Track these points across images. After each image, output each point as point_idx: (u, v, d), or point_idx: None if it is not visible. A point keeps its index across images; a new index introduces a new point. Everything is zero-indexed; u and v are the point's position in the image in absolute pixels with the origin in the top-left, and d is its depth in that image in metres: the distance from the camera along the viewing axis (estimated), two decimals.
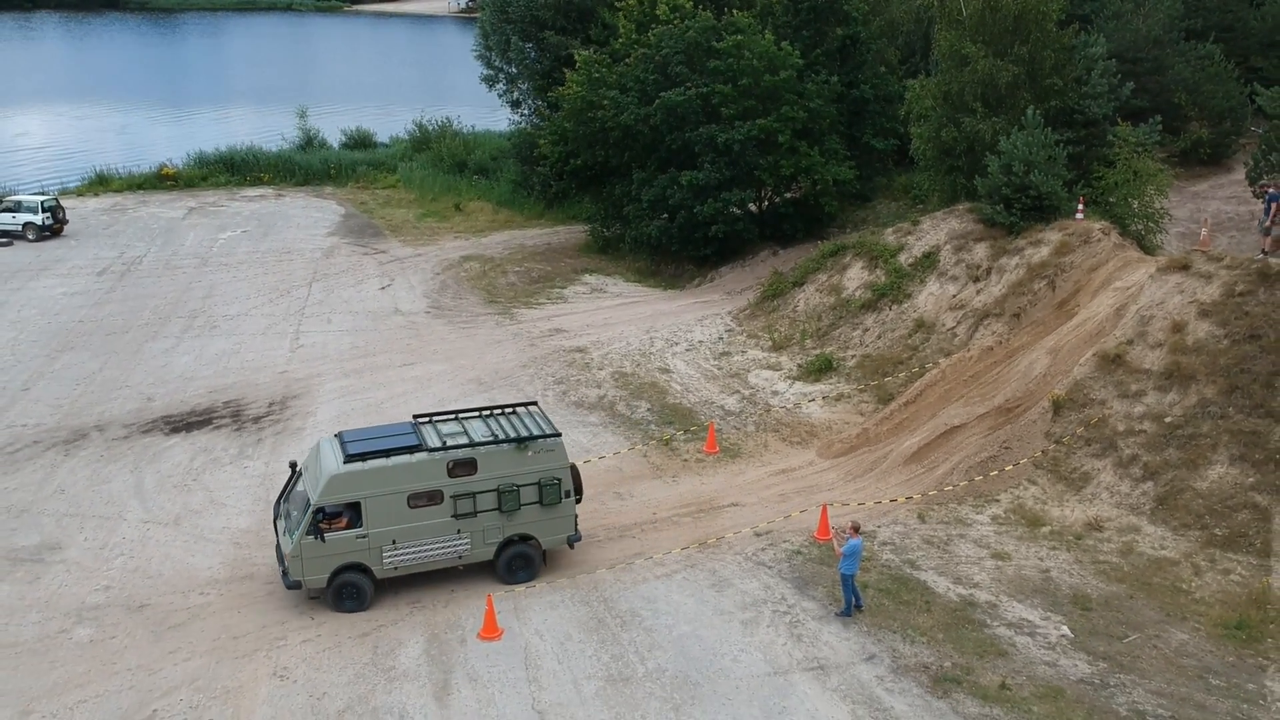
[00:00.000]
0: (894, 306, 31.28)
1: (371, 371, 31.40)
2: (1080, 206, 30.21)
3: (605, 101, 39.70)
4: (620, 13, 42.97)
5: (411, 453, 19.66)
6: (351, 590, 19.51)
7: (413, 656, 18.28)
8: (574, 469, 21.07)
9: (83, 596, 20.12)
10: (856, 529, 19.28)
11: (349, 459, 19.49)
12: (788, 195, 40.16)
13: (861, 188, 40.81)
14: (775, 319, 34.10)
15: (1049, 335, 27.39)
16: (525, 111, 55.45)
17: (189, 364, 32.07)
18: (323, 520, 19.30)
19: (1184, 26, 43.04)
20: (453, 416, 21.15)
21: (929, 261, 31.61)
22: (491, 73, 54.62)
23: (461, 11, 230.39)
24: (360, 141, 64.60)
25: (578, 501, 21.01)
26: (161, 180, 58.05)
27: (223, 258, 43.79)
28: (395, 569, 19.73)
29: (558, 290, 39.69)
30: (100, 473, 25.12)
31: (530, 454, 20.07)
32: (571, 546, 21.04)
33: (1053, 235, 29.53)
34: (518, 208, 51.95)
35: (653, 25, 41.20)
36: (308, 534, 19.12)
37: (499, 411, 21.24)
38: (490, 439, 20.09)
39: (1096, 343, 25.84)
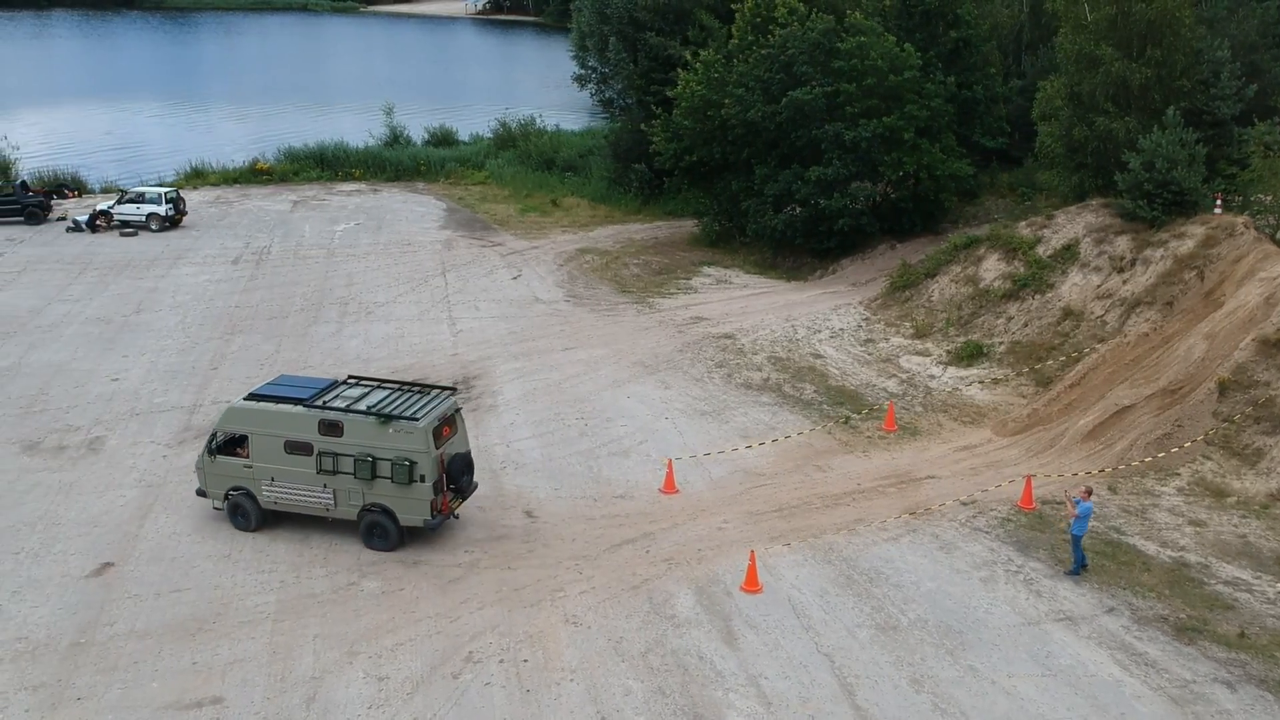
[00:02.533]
0: (1037, 296, 32.79)
1: (538, 355, 32.87)
2: (1219, 201, 31.77)
3: (727, 100, 41.22)
4: (736, 15, 44.46)
5: (294, 405, 21.69)
6: (241, 511, 22.20)
7: (687, 606, 19.76)
8: (454, 460, 21.56)
9: (357, 553, 21.57)
10: (1089, 492, 20.83)
11: (248, 397, 22.45)
12: (904, 190, 41.56)
13: (971, 184, 42.39)
14: (910, 308, 35.62)
15: (1202, 322, 28.90)
16: (616, 110, 56.94)
17: (359, 346, 33.53)
18: (225, 445, 22.21)
19: (1277, 32, 44.56)
20: (376, 384, 22.72)
21: (1069, 253, 33.13)
22: (585, 73, 56.07)
23: (478, 13, 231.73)
24: (443, 139, 66.04)
25: (455, 493, 21.78)
26: (255, 174, 59.50)
27: (347, 248, 45.23)
28: (275, 503, 22.04)
29: (683, 281, 41.20)
30: None
31: (391, 431, 20.95)
32: (429, 530, 21.53)
33: (1196, 229, 31.07)
34: (614, 203, 53.46)
35: (769, 27, 42.74)
36: (207, 453, 22.26)
37: (412, 389, 22.38)
38: (361, 409, 21.28)
39: (1252, 329, 27.36)
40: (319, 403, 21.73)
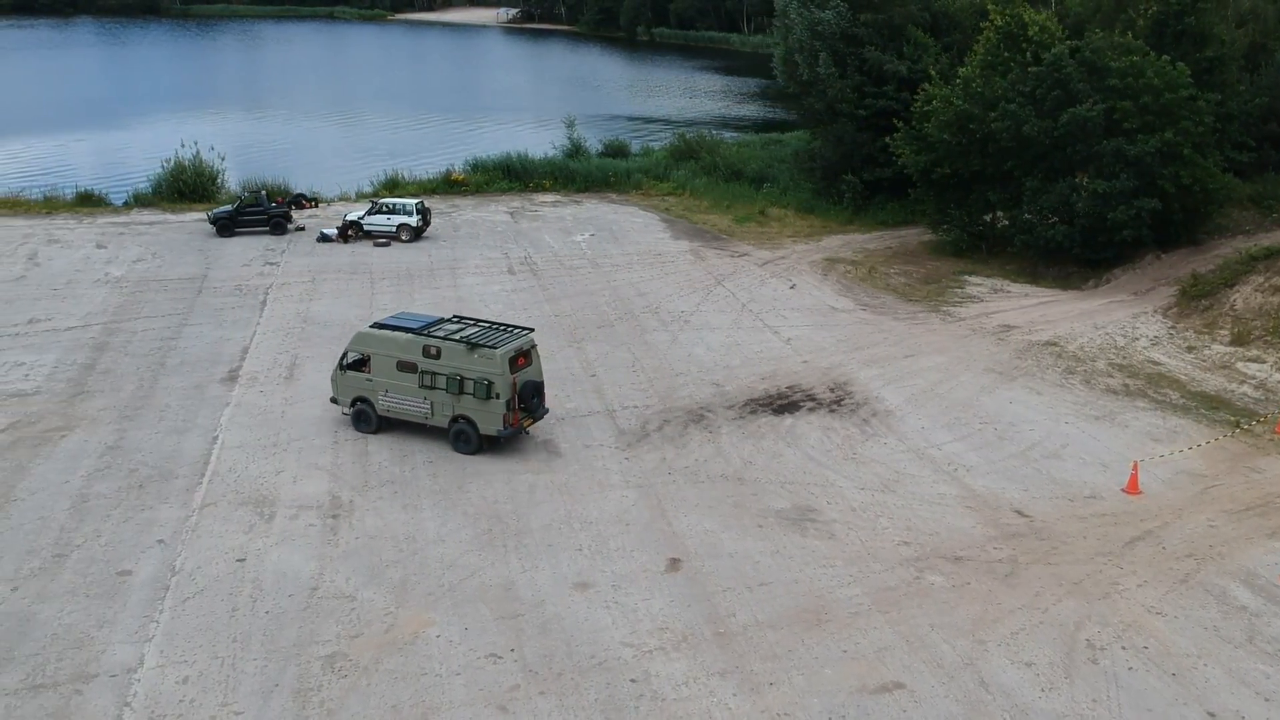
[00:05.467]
0: None
1: (885, 362, 34.22)
2: None
3: (994, 114, 42.74)
4: (984, 30, 46.02)
5: (406, 332, 27.29)
6: (364, 417, 27.96)
7: (1247, 597, 21.10)
8: (526, 385, 26.68)
9: (892, 550, 22.91)
10: None
11: (373, 325, 28.47)
12: (1174, 203, 42.88)
13: (1233, 196, 43.97)
14: (1214, 316, 37.09)
15: None
16: (813, 121, 58.31)
17: (707, 354, 34.82)
18: (353, 363, 27.83)
19: None
20: (473, 322, 28.30)
21: None
22: (789, 86, 57.56)
23: (509, 22, 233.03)
24: (617, 150, 67.46)
25: (526, 412, 26.84)
26: (451, 185, 60.76)
27: (605, 259, 46.54)
28: (388, 411, 27.63)
29: (957, 290, 42.59)
30: (761, 447, 27.93)
31: (476, 356, 26.23)
32: (499, 441, 26.74)
33: None
34: (822, 214, 54.87)
35: (1022, 44, 44.33)
36: (339, 368, 28.18)
37: (499, 327, 27.81)
38: (455, 339, 26.61)
39: None
40: (425, 332, 27.07)
